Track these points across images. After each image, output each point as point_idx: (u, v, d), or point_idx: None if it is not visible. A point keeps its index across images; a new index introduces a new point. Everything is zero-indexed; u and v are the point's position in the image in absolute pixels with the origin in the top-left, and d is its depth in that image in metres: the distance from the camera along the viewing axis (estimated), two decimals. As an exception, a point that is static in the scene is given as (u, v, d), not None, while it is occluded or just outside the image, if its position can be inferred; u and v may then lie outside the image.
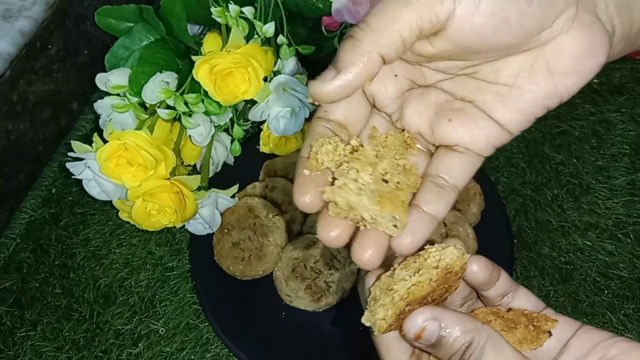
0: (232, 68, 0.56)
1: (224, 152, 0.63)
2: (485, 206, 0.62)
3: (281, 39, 0.60)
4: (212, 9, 0.58)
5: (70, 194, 0.67)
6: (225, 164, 0.65)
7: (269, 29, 0.58)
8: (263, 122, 0.62)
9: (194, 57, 0.56)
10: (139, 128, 0.57)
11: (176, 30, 0.60)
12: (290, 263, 0.58)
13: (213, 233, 0.60)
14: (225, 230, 0.60)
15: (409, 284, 0.32)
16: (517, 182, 0.67)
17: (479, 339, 0.32)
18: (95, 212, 0.66)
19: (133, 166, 0.54)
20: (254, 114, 0.61)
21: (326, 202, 0.31)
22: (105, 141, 0.54)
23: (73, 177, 0.57)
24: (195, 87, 0.57)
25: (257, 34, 0.59)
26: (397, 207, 0.31)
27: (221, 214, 0.60)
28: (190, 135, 0.59)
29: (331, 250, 0.58)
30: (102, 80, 0.59)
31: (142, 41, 0.63)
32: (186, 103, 0.57)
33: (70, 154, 0.56)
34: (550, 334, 0.36)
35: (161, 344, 0.58)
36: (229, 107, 0.60)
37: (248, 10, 0.58)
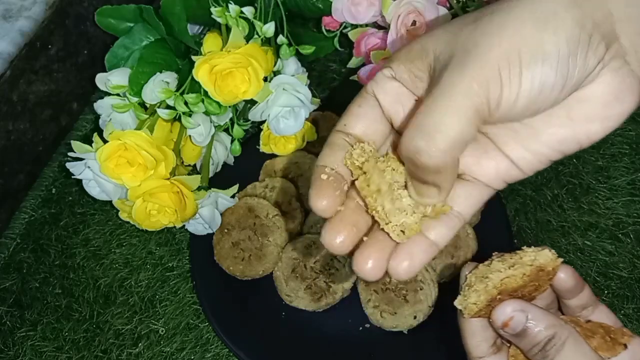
0: (232, 68, 0.56)
1: (224, 152, 0.63)
2: (485, 206, 0.62)
3: (281, 39, 0.60)
4: (212, 9, 0.58)
5: (70, 194, 0.67)
6: (225, 164, 0.65)
7: (269, 29, 0.58)
8: (263, 122, 0.62)
9: (194, 57, 0.56)
10: (139, 128, 0.57)
11: (176, 30, 0.60)
12: (290, 263, 0.58)
13: (213, 233, 0.60)
14: (225, 230, 0.60)
15: (503, 275, 0.35)
16: (517, 182, 0.67)
17: (561, 334, 0.34)
18: (95, 212, 0.66)
19: (133, 166, 0.54)
20: (254, 114, 0.61)
21: (352, 181, 0.32)
22: (105, 141, 0.54)
23: (73, 177, 0.57)
24: (195, 87, 0.57)
25: (257, 34, 0.59)
26: (416, 215, 0.31)
27: (221, 214, 0.60)
28: (190, 135, 0.59)
29: (331, 250, 0.58)
30: (102, 80, 0.59)
31: (142, 41, 0.63)
32: (186, 103, 0.57)
33: (70, 154, 0.56)
34: (626, 347, 0.37)
35: (161, 344, 0.58)
36: (229, 107, 0.60)
37: (248, 10, 0.58)
